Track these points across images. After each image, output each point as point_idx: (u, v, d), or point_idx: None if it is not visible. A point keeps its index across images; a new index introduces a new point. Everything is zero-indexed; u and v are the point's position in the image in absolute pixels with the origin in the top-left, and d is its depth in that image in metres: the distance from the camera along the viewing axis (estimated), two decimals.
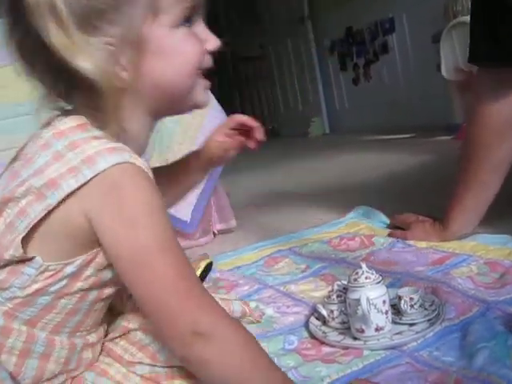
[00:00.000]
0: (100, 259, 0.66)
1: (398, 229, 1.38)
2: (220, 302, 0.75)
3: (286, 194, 2.31)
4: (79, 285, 0.67)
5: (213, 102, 1.66)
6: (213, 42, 0.72)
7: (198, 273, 1.15)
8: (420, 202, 1.64)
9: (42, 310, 0.67)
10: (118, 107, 0.64)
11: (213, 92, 1.81)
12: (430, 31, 3.66)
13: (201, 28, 0.71)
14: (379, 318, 0.80)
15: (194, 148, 1.57)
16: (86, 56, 0.61)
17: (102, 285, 0.70)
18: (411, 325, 0.83)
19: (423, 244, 1.25)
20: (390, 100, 4.53)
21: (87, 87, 0.62)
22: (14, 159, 0.69)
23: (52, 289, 0.66)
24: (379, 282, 0.81)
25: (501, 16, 1.05)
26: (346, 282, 0.86)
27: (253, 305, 0.99)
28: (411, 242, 1.28)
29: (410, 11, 4.19)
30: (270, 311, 0.99)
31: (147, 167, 0.65)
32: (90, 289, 0.69)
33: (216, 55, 0.75)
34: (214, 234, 1.70)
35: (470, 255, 1.12)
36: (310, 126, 5.37)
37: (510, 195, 1.38)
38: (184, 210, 1.55)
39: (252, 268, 1.29)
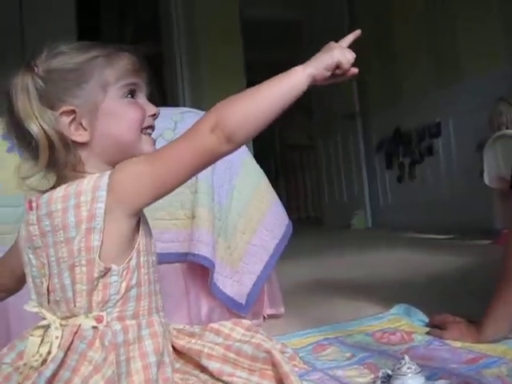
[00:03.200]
0: (142, 246, 0.92)
1: (435, 328, 1.51)
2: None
3: (330, 284, 2.44)
4: (143, 271, 0.92)
5: (275, 198, 1.85)
6: (151, 108, 1.00)
7: None
8: (457, 303, 1.76)
9: (136, 301, 0.91)
10: (81, 158, 0.92)
11: None
12: (474, 139, 3.84)
13: (142, 100, 1.00)
14: None
15: (255, 239, 1.76)
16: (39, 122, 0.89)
17: (152, 266, 0.95)
18: None
19: (458, 344, 1.37)
20: (432, 200, 4.69)
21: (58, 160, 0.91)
22: (49, 234, 0.92)
23: (133, 282, 0.90)
24: (419, 373, 0.95)
25: None
26: (389, 371, 1.00)
27: None
28: (447, 341, 1.40)
29: (456, 118, 4.42)
30: None
31: None
32: (148, 271, 0.94)
33: (265, 142, 1.03)
34: (264, 318, 1.84)
35: (500, 358, 1.23)
36: (353, 219, 5.54)
37: None
38: (240, 293, 1.71)
39: (301, 352, 1.42)
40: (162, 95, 6.10)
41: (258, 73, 7.76)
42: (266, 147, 8.42)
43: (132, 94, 0.97)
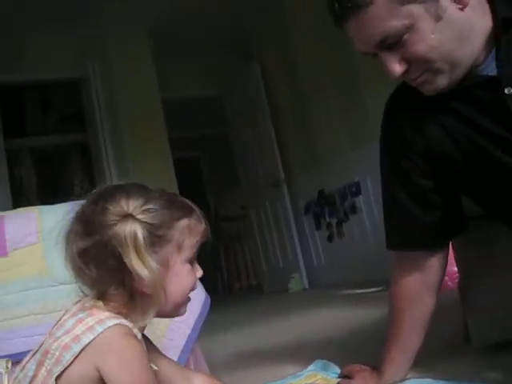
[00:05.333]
0: None
1: (345, 377, 1.64)
2: None
3: (259, 350, 2.55)
4: None
5: None
6: (199, 272, 1.12)
7: None
8: (374, 352, 1.90)
9: None
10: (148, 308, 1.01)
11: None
12: None
13: (196, 265, 1.11)
14: None
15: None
16: (149, 271, 0.97)
17: None
18: None
19: None
20: (361, 256, 4.89)
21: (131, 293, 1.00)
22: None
23: None
24: None
25: (397, 216, 1.41)
26: None
27: None
28: None
29: (372, 176, 4.64)
30: None
31: (138, 333, 1.00)
32: None
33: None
34: None
35: None
36: (290, 282, 5.66)
37: (440, 343, 1.67)
38: None
39: None
40: (91, 182, 6.20)
41: (186, 149, 8.00)
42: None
43: (194, 255, 1.09)
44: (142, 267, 0.97)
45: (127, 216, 0.99)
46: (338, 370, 1.77)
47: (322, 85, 5.31)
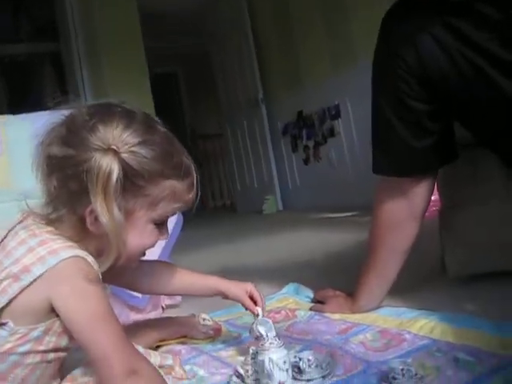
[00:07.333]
0: (57, 328, 0.91)
1: (319, 302, 1.62)
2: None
3: (233, 270, 2.52)
4: (41, 348, 0.91)
5: None
6: (165, 235, 1.02)
7: None
8: (350, 277, 1.88)
9: (11, 366, 0.90)
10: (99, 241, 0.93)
11: None
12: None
13: (164, 228, 1.02)
14: (281, 374, 1.02)
15: None
16: (110, 216, 0.88)
17: (58, 349, 0.93)
18: (308, 380, 1.06)
19: (337, 316, 1.47)
20: (338, 180, 4.87)
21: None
22: None
23: (21, 349, 0.89)
24: (281, 346, 1.04)
25: (388, 140, 1.34)
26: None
27: (188, 367, 1.22)
28: (327, 314, 1.50)
29: (353, 100, 4.57)
30: (201, 372, 1.20)
31: (94, 263, 0.91)
32: (50, 351, 0.92)
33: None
34: (163, 309, 1.91)
35: (369, 325, 1.35)
36: (264, 203, 5.65)
37: (416, 273, 1.65)
38: None
39: None
40: (64, 93, 6.00)
41: (164, 64, 7.79)
42: (178, 138, 8.43)
43: (160, 223, 0.99)
44: (105, 211, 0.87)
45: (111, 149, 0.89)
46: (311, 294, 1.75)
47: (307, 5, 5.11)
